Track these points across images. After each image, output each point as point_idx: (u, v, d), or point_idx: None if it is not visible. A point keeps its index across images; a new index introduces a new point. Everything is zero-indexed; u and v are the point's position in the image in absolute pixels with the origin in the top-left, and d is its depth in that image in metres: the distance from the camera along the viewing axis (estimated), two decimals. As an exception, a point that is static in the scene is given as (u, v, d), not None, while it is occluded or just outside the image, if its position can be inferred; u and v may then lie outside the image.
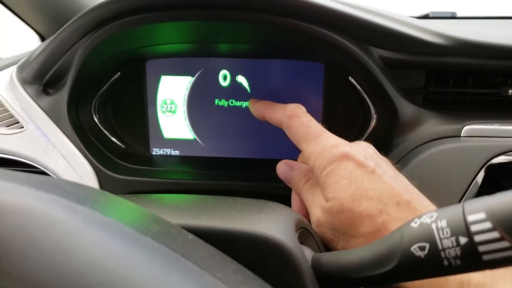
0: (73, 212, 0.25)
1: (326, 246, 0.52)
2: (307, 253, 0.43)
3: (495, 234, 0.31)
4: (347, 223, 0.50)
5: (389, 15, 0.72)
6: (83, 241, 0.23)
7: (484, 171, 0.66)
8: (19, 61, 0.90)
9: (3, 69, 0.92)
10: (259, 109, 0.69)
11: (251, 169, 0.81)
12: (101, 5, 0.66)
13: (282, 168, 0.66)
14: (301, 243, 0.43)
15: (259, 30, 0.71)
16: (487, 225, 0.31)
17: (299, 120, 0.62)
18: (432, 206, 0.52)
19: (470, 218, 0.32)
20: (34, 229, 0.22)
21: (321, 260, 0.42)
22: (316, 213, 0.53)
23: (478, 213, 0.32)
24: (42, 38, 1.11)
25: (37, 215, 0.23)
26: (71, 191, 0.32)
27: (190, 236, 0.36)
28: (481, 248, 0.32)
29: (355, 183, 0.51)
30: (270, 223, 0.41)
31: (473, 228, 0.32)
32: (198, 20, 0.67)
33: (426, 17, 1.28)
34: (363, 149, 0.56)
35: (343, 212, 0.50)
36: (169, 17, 0.66)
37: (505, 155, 0.67)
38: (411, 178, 0.63)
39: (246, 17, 0.66)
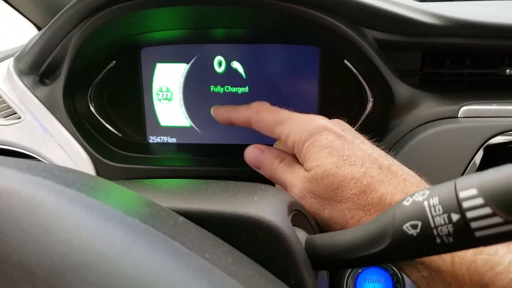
0: (58, 193, 0.25)
1: (313, 217, 0.52)
2: (301, 236, 0.43)
3: (487, 210, 0.31)
4: (332, 187, 0.50)
5: None
6: (67, 223, 0.23)
7: (483, 151, 0.66)
8: (13, 53, 0.89)
9: (1, 61, 0.92)
10: (223, 113, 0.69)
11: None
12: None
13: (251, 152, 0.64)
14: (294, 225, 0.43)
15: (254, 14, 0.70)
16: (479, 201, 0.31)
17: (266, 111, 0.62)
18: (412, 173, 0.54)
19: (462, 194, 0.32)
20: (18, 211, 0.22)
21: (315, 242, 0.42)
22: (298, 185, 0.54)
23: (470, 189, 0.32)
24: (39, 29, 1.11)
25: (21, 197, 0.23)
26: (59, 175, 0.32)
27: (181, 218, 0.36)
28: (474, 225, 0.31)
29: (337, 151, 0.52)
30: (263, 205, 0.41)
31: (465, 204, 0.32)
32: (194, 4, 0.67)
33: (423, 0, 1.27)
34: (339, 124, 0.59)
35: (327, 177, 0.51)
36: (164, 2, 0.65)
37: (503, 135, 0.66)
38: (409, 160, 0.62)
39: (241, 1, 0.65)
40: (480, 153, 0.66)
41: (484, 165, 0.66)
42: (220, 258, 0.31)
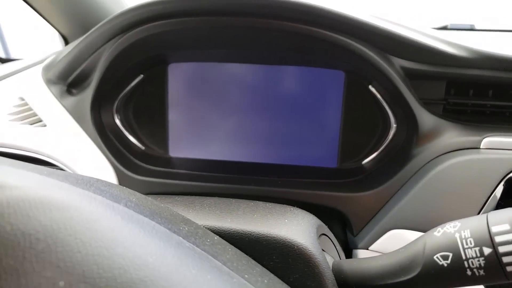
0: (111, 209, 0.26)
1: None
2: (328, 259, 0.43)
3: None
4: None
5: (411, 26, 0.73)
6: (123, 239, 0.24)
7: (504, 184, 0.66)
8: (40, 62, 0.92)
9: (27, 70, 0.95)
10: None
11: (268, 174, 0.82)
12: (129, 10, 0.67)
13: None
14: (322, 249, 0.43)
15: (283, 37, 0.72)
16: (511, 236, 0.32)
17: None
18: None
19: (494, 229, 0.33)
20: (79, 225, 0.23)
21: (342, 267, 0.42)
22: None
23: (503, 224, 0.33)
24: (65, 40, 1.14)
25: (80, 212, 0.24)
26: (104, 189, 0.33)
27: (216, 237, 0.37)
28: (505, 259, 0.32)
29: None
30: (293, 228, 0.41)
31: (497, 239, 0.32)
32: (223, 26, 0.68)
33: (444, 28, 1.28)
34: None
35: None
36: (195, 24, 0.67)
37: (525, 169, 0.66)
38: (431, 188, 0.63)
39: (271, 25, 0.67)
40: (502, 185, 0.66)
41: (506, 198, 0.66)
42: (257, 279, 0.32)
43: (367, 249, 0.70)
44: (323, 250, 0.44)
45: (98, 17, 0.97)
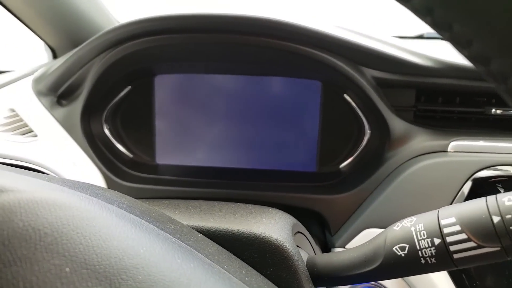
0: (106, 209, 0.30)
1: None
2: (303, 255, 0.48)
3: (463, 236, 0.36)
4: None
5: (381, 39, 0.78)
6: (117, 233, 0.28)
7: (471, 182, 0.71)
8: (31, 73, 0.95)
9: (17, 81, 0.98)
10: None
11: (251, 179, 0.86)
12: (118, 27, 0.72)
13: None
14: (297, 246, 0.48)
15: (260, 51, 0.76)
16: (457, 228, 0.37)
17: None
18: None
19: (443, 222, 0.38)
20: (80, 222, 0.27)
21: (316, 261, 0.47)
22: None
23: (450, 217, 0.38)
24: (54, 52, 1.16)
25: (81, 211, 0.28)
26: (98, 193, 0.37)
27: (200, 235, 0.41)
28: (452, 248, 0.37)
29: None
30: (270, 226, 0.46)
31: (446, 230, 0.37)
32: (205, 42, 0.73)
33: (420, 37, 1.34)
34: None
35: None
36: (180, 40, 0.71)
37: (488, 170, 0.72)
38: (402, 189, 0.68)
39: (248, 41, 0.72)
40: (468, 184, 0.71)
41: (472, 196, 0.71)
42: (236, 270, 0.36)
43: (344, 247, 0.74)
44: (298, 246, 0.48)
45: (87, 31, 1.00)
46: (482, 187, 0.72)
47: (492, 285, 0.66)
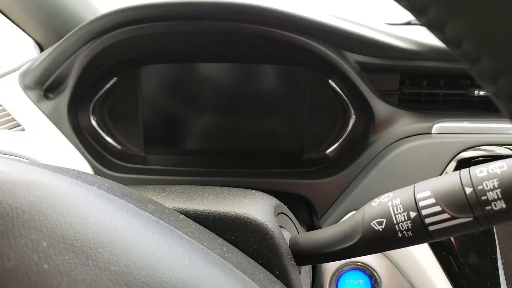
0: (85, 189, 0.31)
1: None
2: (286, 235, 0.49)
3: (437, 208, 0.37)
4: None
5: (365, 24, 0.79)
6: (95, 210, 0.29)
7: (455, 162, 0.72)
8: (18, 68, 0.95)
9: (4, 76, 0.98)
10: None
11: (240, 166, 0.87)
12: (101, 17, 0.72)
13: None
14: (280, 226, 0.49)
15: (244, 38, 0.77)
16: (432, 200, 0.38)
17: None
18: None
19: (419, 195, 0.39)
20: (58, 199, 0.28)
21: (298, 240, 0.48)
22: None
23: (425, 191, 0.39)
24: (40, 47, 1.16)
25: (59, 189, 0.29)
26: (80, 176, 0.37)
27: (182, 216, 0.42)
28: (427, 220, 0.38)
29: None
30: (252, 207, 0.46)
31: (421, 203, 0.38)
32: (189, 30, 0.73)
33: (408, 23, 1.35)
34: None
35: None
36: (164, 28, 0.72)
37: (471, 150, 0.73)
38: (387, 171, 0.68)
39: (232, 27, 0.72)
40: (452, 165, 0.72)
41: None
42: (216, 247, 0.37)
43: (331, 230, 0.75)
44: (281, 226, 0.49)
45: (72, 24, 1.00)
46: (466, 168, 0.73)
47: (475, 262, 0.68)
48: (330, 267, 0.72)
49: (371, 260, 0.71)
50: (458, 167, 0.72)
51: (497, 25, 0.18)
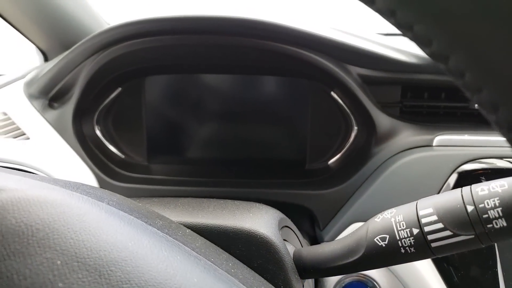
0: (96, 205, 0.32)
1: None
2: (290, 248, 0.49)
3: (440, 225, 0.38)
4: None
5: (366, 37, 0.80)
6: (107, 228, 0.30)
7: (457, 174, 0.73)
8: (22, 77, 0.96)
9: (8, 85, 0.98)
10: None
11: (243, 177, 0.87)
12: (108, 30, 0.73)
13: None
14: (284, 239, 0.49)
15: (248, 52, 0.78)
16: (434, 217, 0.38)
17: None
18: None
19: (421, 212, 0.40)
20: (71, 218, 0.28)
21: (301, 254, 0.48)
22: None
23: (428, 208, 0.39)
24: (44, 55, 1.17)
25: (71, 207, 0.29)
26: (89, 191, 0.38)
27: (188, 230, 0.42)
28: (430, 237, 0.38)
29: None
30: (257, 220, 0.47)
31: (423, 220, 0.39)
32: (194, 43, 0.74)
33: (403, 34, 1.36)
34: None
35: None
36: (171, 41, 0.73)
37: (472, 163, 0.73)
38: (389, 183, 0.69)
39: (236, 41, 0.73)
40: (454, 178, 0.73)
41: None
42: (222, 263, 0.37)
43: (333, 241, 0.76)
44: (285, 240, 0.50)
45: (77, 33, 1.01)
46: (467, 180, 0.73)
47: (476, 275, 0.68)
48: (332, 279, 0.72)
49: (373, 271, 0.72)
50: (459, 180, 0.73)
51: (497, 58, 0.19)
